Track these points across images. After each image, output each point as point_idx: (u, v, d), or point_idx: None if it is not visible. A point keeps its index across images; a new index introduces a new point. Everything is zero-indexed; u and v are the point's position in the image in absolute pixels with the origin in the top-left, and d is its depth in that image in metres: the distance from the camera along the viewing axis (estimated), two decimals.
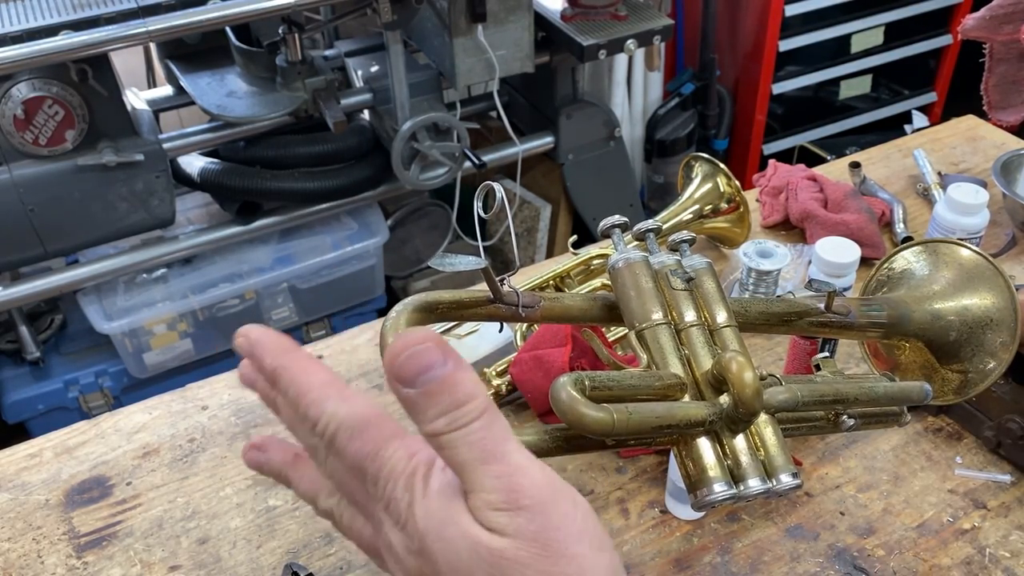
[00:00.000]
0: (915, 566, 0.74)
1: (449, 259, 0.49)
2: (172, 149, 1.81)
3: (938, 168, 1.24)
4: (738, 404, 0.47)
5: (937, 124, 1.49)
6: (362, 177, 1.98)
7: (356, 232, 2.08)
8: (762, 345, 0.97)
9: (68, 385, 1.94)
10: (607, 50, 1.91)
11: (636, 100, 2.51)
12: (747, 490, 0.48)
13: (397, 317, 0.48)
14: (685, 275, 0.54)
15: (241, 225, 1.94)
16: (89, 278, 1.83)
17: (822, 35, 2.51)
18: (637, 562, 0.74)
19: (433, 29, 1.87)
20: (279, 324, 2.08)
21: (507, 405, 0.88)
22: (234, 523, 0.78)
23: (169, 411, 0.89)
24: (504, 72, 1.88)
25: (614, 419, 0.43)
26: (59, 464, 0.84)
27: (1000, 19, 1.09)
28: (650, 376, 0.49)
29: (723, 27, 2.52)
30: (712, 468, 0.48)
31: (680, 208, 1.05)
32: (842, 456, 0.83)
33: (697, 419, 0.47)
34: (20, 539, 0.78)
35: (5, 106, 1.57)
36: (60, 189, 1.68)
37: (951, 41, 2.71)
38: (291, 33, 1.79)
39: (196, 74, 1.91)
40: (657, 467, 0.81)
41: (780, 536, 0.76)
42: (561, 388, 0.43)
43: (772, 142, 2.67)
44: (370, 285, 2.15)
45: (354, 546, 0.45)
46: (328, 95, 1.86)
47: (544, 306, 0.53)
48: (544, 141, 2.15)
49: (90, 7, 1.58)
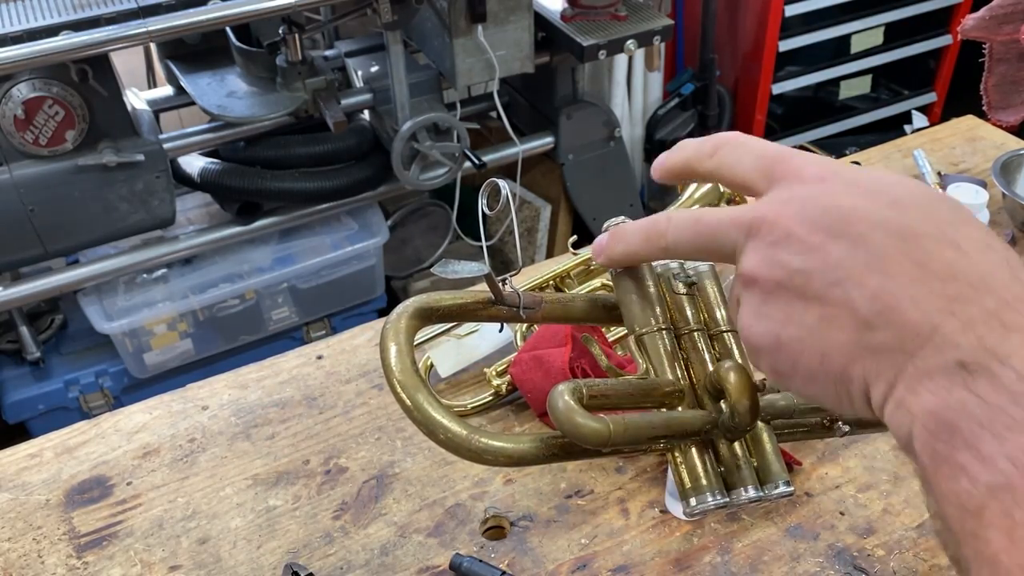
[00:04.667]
0: (915, 566, 0.74)
1: (452, 265, 0.49)
2: (172, 149, 1.81)
3: (938, 168, 1.24)
4: (735, 415, 0.47)
5: (937, 124, 1.49)
6: (362, 177, 1.98)
7: (356, 232, 2.09)
8: None
9: (68, 385, 1.95)
10: (607, 50, 1.91)
11: (636, 100, 2.51)
12: (739, 498, 0.48)
13: (398, 318, 0.48)
14: (687, 279, 0.54)
15: (241, 225, 1.94)
16: (89, 278, 1.84)
17: (822, 35, 2.51)
18: (637, 562, 0.74)
19: (433, 29, 1.87)
20: (279, 324, 2.08)
21: (507, 405, 0.88)
22: (234, 523, 0.78)
23: (169, 411, 0.89)
24: (504, 72, 1.88)
25: (610, 430, 0.43)
26: (59, 464, 0.84)
27: (1000, 19, 1.09)
28: (648, 384, 0.49)
29: (723, 27, 2.52)
30: (705, 476, 0.48)
31: (680, 208, 1.05)
32: (842, 456, 0.83)
33: (693, 429, 0.48)
34: (20, 539, 0.78)
35: (5, 106, 1.58)
36: (60, 189, 1.68)
37: (951, 41, 2.71)
38: (291, 33, 1.79)
39: (196, 74, 1.91)
40: (657, 467, 0.82)
41: (780, 536, 0.76)
42: (558, 397, 0.43)
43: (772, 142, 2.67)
44: (370, 285, 2.15)
45: (354, 546, 0.45)
46: (328, 95, 1.86)
47: (545, 307, 0.53)
48: (544, 141, 2.15)
49: (90, 7, 1.58)
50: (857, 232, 0.37)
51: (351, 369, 0.93)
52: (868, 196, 0.38)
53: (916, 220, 0.37)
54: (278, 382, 0.92)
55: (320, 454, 0.84)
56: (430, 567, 0.73)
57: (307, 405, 0.89)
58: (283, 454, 0.84)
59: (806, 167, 0.41)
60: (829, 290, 0.37)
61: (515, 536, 0.76)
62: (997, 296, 0.35)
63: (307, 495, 0.80)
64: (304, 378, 0.92)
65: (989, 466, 0.33)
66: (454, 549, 0.74)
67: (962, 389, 0.34)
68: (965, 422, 0.33)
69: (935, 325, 0.35)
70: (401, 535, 0.76)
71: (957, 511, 0.34)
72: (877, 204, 0.38)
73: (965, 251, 0.36)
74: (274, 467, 0.83)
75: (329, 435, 0.86)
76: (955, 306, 0.35)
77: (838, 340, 0.37)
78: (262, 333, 2.07)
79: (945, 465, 0.34)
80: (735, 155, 0.44)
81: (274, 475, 0.82)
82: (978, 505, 0.33)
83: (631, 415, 0.45)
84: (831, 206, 0.38)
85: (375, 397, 0.89)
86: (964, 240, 0.36)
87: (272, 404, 0.89)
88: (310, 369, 0.93)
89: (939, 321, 0.35)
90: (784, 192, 0.40)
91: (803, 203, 0.39)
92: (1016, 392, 0.33)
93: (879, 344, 0.36)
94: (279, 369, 0.93)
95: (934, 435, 0.34)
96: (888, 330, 0.36)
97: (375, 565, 0.73)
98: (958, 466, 0.34)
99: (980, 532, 0.33)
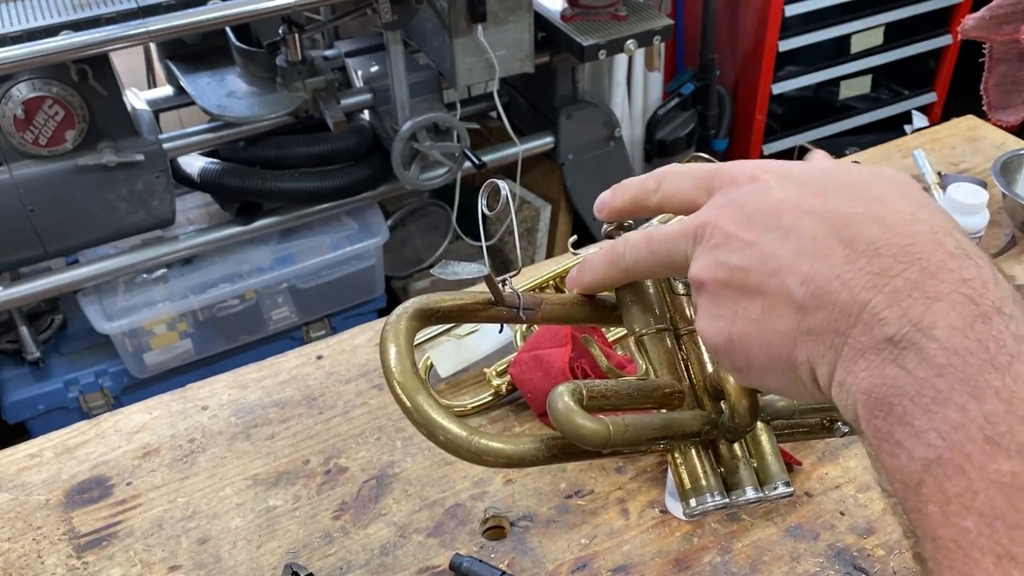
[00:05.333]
0: (915, 566, 0.74)
1: (452, 267, 0.49)
2: (172, 149, 1.81)
3: (938, 168, 1.24)
4: (735, 415, 0.47)
5: (937, 124, 1.49)
6: (362, 177, 1.98)
7: (356, 232, 2.09)
8: None
9: (68, 385, 1.95)
10: (607, 50, 1.91)
11: (636, 100, 2.51)
12: (739, 499, 0.48)
13: (398, 319, 0.48)
14: (687, 279, 0.54)
15: (241, 225, 1.94)
16: (89, 278, 1.83)
17: (822, 35, 2.51)
18: (637, 562, 0.74)
19: (433, 29, 1.87)
20: (279, 324, 2.08)
21: (507, 405, 0.88)
22: (234, 523, 0.78)
23: (169, 411, 0.89)
24: (504, 72, 1.88)
25: (610, 431, 0.43)
26: (59, 464, 0.84)
27: (1000, 19, 1.09)
28: (648, 385, 0.49)
29: (723, 27, 2.51)
30: (705, 477, 0.48)
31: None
32: (842, 456, 0.83)
33: (693, 430, 0.48)
34: (20, 539, 0.78)
35: (5, 106, 1.57)
36: (60, 189, 1.68)
37: (951, 41, 2.71)
38: (291, 33, 1.79)
39: (196, 74, 1.91)
40: (657, 467, 0.82)
41: (780, 536, 0.76)
42: (558, 398, 0.43)
43: (772, 142, 2.67)
44: (370, 285, 2.15)
45: (354, 546, 0.46)
46: (328, 95, 1.86)
47: (545, 308, 0.53)
48: (544, 141, 2.15)
49: (90, 7, 1.58)
50: (788, 223, 0.39)
51: (351, 369, 0.93)
52: (797, 187, 0.40)
53: (842, 203, 0.38)
54: (278, 382, 0.92)
55: (320, 454, 0.84)
56: (430, 567, 0.73)
57: (307, 405, 0.89)
58: (283, 454, 0.84)
59: (739, 172, 0.43)
60: (767, 281, 0.39)
61: (515, 536, 0.76)
62: (920, 266, 0.35)
63: (307, 495, 0.80)
64: (304, 378, 0.92)
65: (922, 441, 0.33)
66: (454, 549, 0.74)
67: (892, 365, 0.34)
68: (897, 398, 0.34)
69: (863, 302, 0.35)
70: (401, 535, 0.76)
71: (900, 487, 0.34)
72: (805, 193, 0.39)
73: (890, 225, 0.37)
74: (274, 467, 0.83)
75: (329, 435, 0.86)
76: (880, 280, 0.35)
77: (780, 328, 0.39)
78: (262, 333, 2.07)
79: (885, 442, 0.35)
80: (675, 182, 0.46)
81: (274, 475, 0.82)
82: (916, 481, 0.33)
83: (631, 416, 0.45)
84: (763, 202, 0.40)
85: (375, 397, 0.89)
86: (890, 215, 0.37)
87: (272, 404, 0.89)
88: (310, 369, 0.93)
89: (867, 298, 0.35)
90: (723, 198, 0.42)
91: (739, 204, 0.41)
92: (941, 364, 0.33)
93: (815, 326, 0.37)
94: (279, 369, 0.93)
95: (872, 413, 0.35)
96: (822, 312, 0.37)
97: (375, 565, 0.73)
98: (896, 443, 0.34)
99: (920, 507, 0.33)
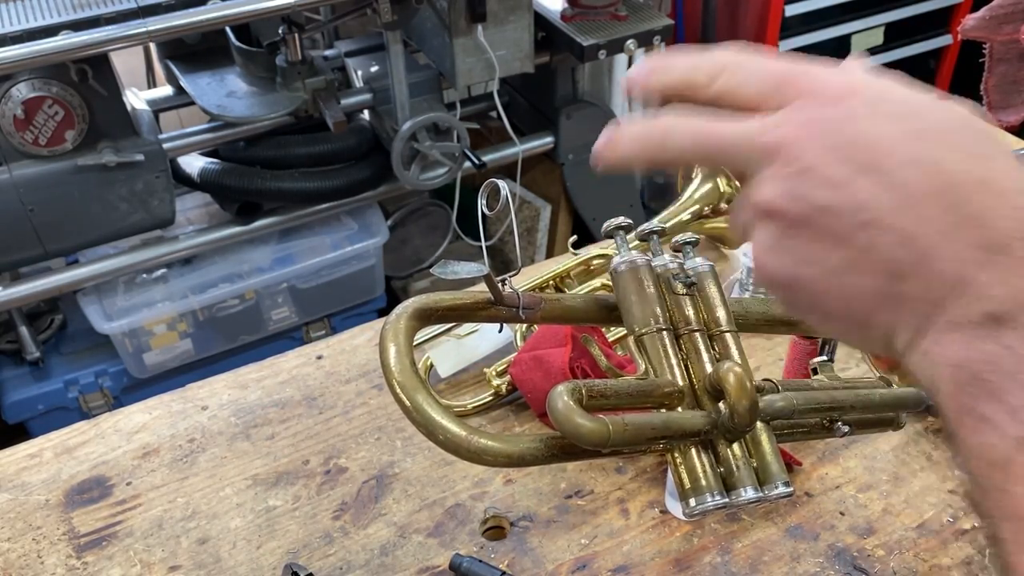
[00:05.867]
0: (915, 566, 0.74)
1: (452, 266, 0.49)
2: (172, 149, 1.81)
3: None
4: (734, 415, 0.47)
5: None
6: (362, 177, 1.98)
7: (356, 232, 2.08)
8: (762, 345, 0.96)
9: (68, 385, 1.94)
10: (607, 50, 1.91)
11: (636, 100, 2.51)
12: (739, 499, 0.48)
13: (397, 319, 0.48)
14: (687, 279, 0.54)
15: (241, 225, 1.94)
16: (89, 278, 1.83)
17: (822, 35, 2.51)
18: (637, 562, 0.74)
19: (433, 29, 1.87)
20: (279, 324, 2.08)
21: (507, 405, 0.88)
22: (234, 523, 0.78)
23: (169, 411, 0.89)
24: (504, 72, 1.88)
25: (610, 431, 0.43)
26: (59, 464, 0.84)
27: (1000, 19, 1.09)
28: (648, 384, 0.49)
29: (723, 27, 2.51)
30: (705, 477, 0.48)
31: (680, 208, 1.05)
32: (842, 456, 0.83)
33: (693, 430, 0.48)
34: (20, 539, 0.78)
35: (5, 106, 1.57)
36: (60, 189, 1.68)
37: (951, 41, 2.71)
38: (291, 33, 1.79)
39: (196, 74, 1.91)
40: (657, 467, 0.82)
41: (780, 536, 0.76)
42: (557, 398, 0.43)
43: None
44: (370, 285, 2.15)
45: (354, 546, 0.46)
46: (328, 95, 1.86)
47: (545, 308, 0.53)
48: (544, 141, 2.15)
49: (90, 7, 1.58)
50: (887, 167, 0.35)
51: (351, 369, 0.93)
52: (892, 122, 0.36)
53: (946, 154, 0.35)
54: (278, 382, 0.92)
55: (320, 454, 0.84)
56: (430, 567, 0.73)
57: (307, 405, 0.89)
58: (283, 454, 0.84)
59: (823, 85, 0.38)
60: (855, 233, 0.35)
61: (515, 536, 0.76)
62: None
63: (307, 495, 0.80)
64: (304, 378, 0.92)
65: (1017, 418, 0.32)
66: (454, 549, 0.74)
67: (991, 341, 0.33)
68: (993, 374, 0.32)
69: (968, 277, 0.33)
70: (401, 535, 0.76)
71: (983, 465, 0.33)
72: (905, 134, 0.35)
73: (999, 192, 0.34)
74: (274, 467, 0.83)
75: (329, 435, 0.86)
76: (988, 256, 0.33)
77: (863, 286, 0.36)
78: (262, 333, 2.07)
79: (971, 417, 0.33)
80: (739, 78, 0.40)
81: (274, 475, 0.82)
82: (1005, 458, 0.32)
83: (631, 416, 0.45)
84: (855, 135, 0.36)
85: (375, 397, 0.89)
86: (1000, 178, 0.34)
87: (272, 404, 0.89)
88: (310, 369, 0.93)
89: (972, 273, 0.33)
90: (802, 114, 0.37)
91: (826, 129, 0.36)
92: None
93: (907, 294, 0.35)
94: (279, 369, 0.93)
95: (960, 387, 0.33)
96: (917, 280, 0.34)
97: (375, 565, 0.73)
98: (984, 418, 0.33)
99: (1007, 486, 0.32)
